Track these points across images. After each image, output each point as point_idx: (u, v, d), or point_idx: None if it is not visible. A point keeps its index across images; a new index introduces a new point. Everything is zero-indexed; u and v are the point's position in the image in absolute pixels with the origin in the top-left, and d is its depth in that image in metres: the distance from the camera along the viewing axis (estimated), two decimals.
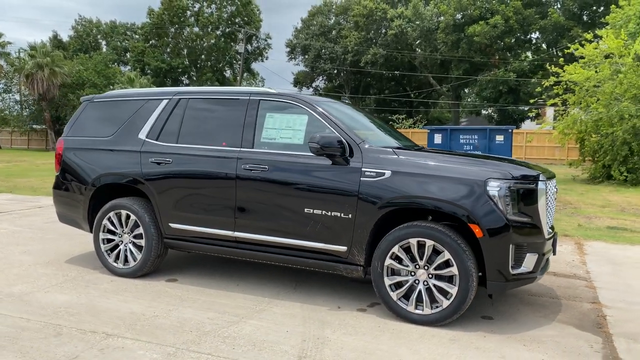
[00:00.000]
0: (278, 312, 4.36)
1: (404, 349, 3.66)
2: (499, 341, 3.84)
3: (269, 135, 4.81)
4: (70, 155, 5.63)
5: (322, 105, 4.74)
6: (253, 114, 4.84)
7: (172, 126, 5.18)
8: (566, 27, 36.31)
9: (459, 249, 3.95)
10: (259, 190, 4.66)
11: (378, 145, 4.56)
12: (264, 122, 4.83)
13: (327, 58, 49.36)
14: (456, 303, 3.99)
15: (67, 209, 5.72)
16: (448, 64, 42.94)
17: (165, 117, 5.23)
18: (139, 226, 5.17)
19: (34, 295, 4.68)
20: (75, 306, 4.40)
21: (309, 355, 3.51)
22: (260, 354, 3.51)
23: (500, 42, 37.72)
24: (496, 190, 3.92)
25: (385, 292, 4.22)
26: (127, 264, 5.27)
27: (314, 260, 4.54)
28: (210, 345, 3.64)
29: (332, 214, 4.36)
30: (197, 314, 4.28)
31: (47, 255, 6.15)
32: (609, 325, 4.23)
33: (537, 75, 37.98)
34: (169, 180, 5.04)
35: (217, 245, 4.94)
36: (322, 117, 4.61)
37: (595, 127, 18.04)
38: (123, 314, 4.24)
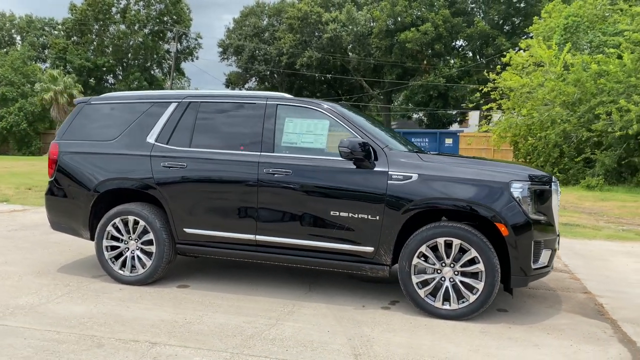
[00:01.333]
0: (308, 313, 4.44)
1: (445, 342, 3.88)
2: (524, 331, 4.15)
3: (289, 139, 4.87)
4: (67, 159, 5.38)
5: (341, 110, 4.88)
6: (271, 118, 4.89)
7: (184, 130, 5.11)
8: (491, 35, 38.46)
9: (485, 246, 4.23)
10: (283, 194, 4.71)
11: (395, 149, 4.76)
12: (283, 127, 4.89)
13: (261, 59, 49.14)
14: (482, 297, 4.26)
15: (63, 216, 5.46)
16: (381, 68, 44.09)
17: (176, 120, 5.14)
18: (148, 232, 5.05)
19: (46, 306, 4.46)
20: (98, 316, 4.25)
21: (363, 353, 3.63)
22: (316, 354, 3.60)
23: (430, 48, 39.28)
24: (519, 191, 4.24)
25: (413, 290, 4.42)
26: (135, 272, 5.12)
27: (339, 262, 4.66)
28: (262, 348, 3.67)
29: (359, 216, 4.51)
30: (230, 318, 4.27)
31: (32, 265, 5.83)
32: (609, 312, 4.68)
33: (463, 81, 40.01)
34: (184, 185, 4.97)
35: (235, 249, 4.93)
36: (344, 122, 4.75)
37: (528, 130, 19.36)
38: (154, 321, 4.16)
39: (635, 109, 14.92)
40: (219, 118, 5.14)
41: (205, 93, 5.33)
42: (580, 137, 17.47)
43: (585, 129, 17.31)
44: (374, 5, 42.70)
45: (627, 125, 15.41)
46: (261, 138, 4.86)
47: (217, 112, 5.15)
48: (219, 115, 5.14)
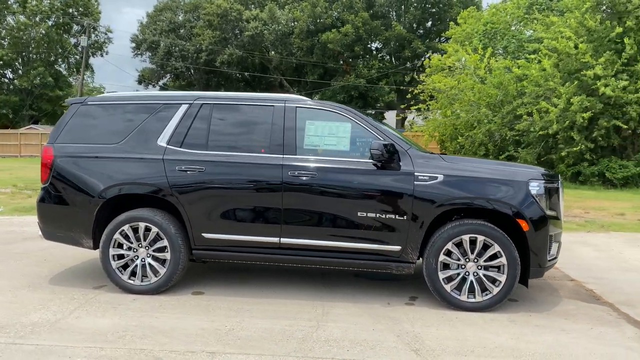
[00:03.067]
0: (342, 313, 4.52)
1: (485, 333, 4.13)
2: (544, 318, 4.51)
3: (311, 142, 4.91)
4: (64, 164, 5.03)
5: (360, 113, 4.99)
6: (292, 121, 4.89)
7: (198, 132, 4.97)
8: (407, 39, 40.06)
9: (507, 242, 4.54)
10: (309, 196, 4.74)
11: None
12: (304, 129, 4.92)
13: (178, 56, 47.63)
14: (505, 289, 4.57)
15: (60, 224, 5.10)
16: (302, 68, 44.44)
17: (188, 123, 4.99)
18: (162, 239, 4.87)
19: (66, 322, 4.18)
20: (131, 329, 4.05)
21: (420, 348, 3.79)
22: (377, 352, 3.70)
23: (350, 50, 40.18)
24: (536, 189, 4.59)
25: (440, 285, 4.64)
26: (147, 280, 4.91)
27: (365, 261, 4.78)
28: (322, 350, 3.71)
29: (387, 216, 4.65)
30: (270, 322, 4.24)
31: (15, 278, 5.40)
32: (603, 297, 5.19)
33: (381, 82, 41.42)
34: (202, 189, 4.84)
35: (257, 253, 4.89)
36: (366, 125, 4.87)
37: (454, 130, 20.50)
38: (194, 330, 4.04)
39: (555, 111, 16.30)
40: (234, 120, 5.05)
41: (218, 95, 5.23)
42: (504, 136, 18.77)
43: (507, 128, 18.64)
44: (294, 5, 42.94)
45: (547, 125, 16.80)
46: (283, 141, 4.85)
47: (232, 114, 5.07)
48: (234, 117, 5.06)
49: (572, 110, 16.16)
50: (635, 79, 16.17)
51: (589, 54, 16.41)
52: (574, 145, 16.65)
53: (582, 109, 16.10)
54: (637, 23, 16.15)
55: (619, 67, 16.19)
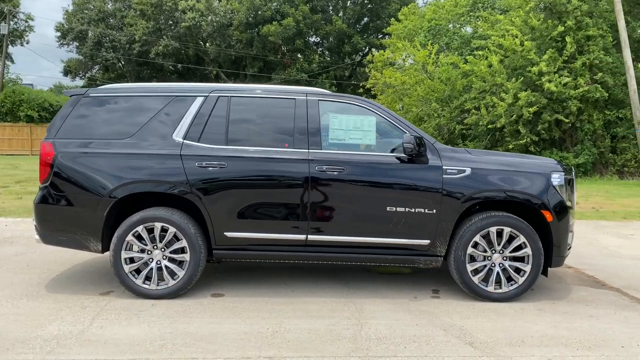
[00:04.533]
0: (377, 309, 4.46)
1: (523, 322, 4.21)
2: (568, 305, 4.67)
3: (336, 136, 4.80)
4: (68, 161, 4.62)
5: (384, 107, 4.93)
6: (315, 115, 4.76)
7: (216, 127, 4.72)
8: (347, 34, 40.38)
9: (532, 233, 4.65)
10: (336, 191, 4.63)
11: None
12: (329, 123, 4.80)
13: (109, 46, 45.37)
14: (530, 279, 4.69)
15: (63, 227, 4.68)
16: (240, 60, 43.71)
17: (205, 116, 4.73)
18: (180, 239, 4.59)
19: (92, 333, 3.84)
20: (168, 337, 3.79)
21: (474, 341, 3.80)
22: (435, 348, 3.67)
23: (291, 43, 39.95)
24: (557, 180, 4.74)
25: (468, 278, 4.68)
26: (164, 284, 4.62)
27: (393, 256, 4.75)
28: (380, 349, 3.64)
29: (416, 210, 4.63)
30: (310, 322, 4.11)
31: (11, 287, 4.92)
32: (607, 282, 5.45)
33: (322, 77, 41.55)
34: (225, 186, 4.60)
35: (282, 251, 4.73)
36: (391, 118, 4.82)
37: None
38: (238, 334, 3.84)
39: (503, 105, 17.01)
40: (254, 114, 4.84)
41: (234, 87, 4.99)
42: (452, 130, 19.38)
43: (456, 122, 19.26)
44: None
45: (495, 119, 17.51)
46: (307, 135, 4.71)
47: (252, 107, 4.86)
48: (254, 111, 4.85)
49: (519, 105, 16.93)
50: (575, 75, 17.15)
51: (533, 52, 17.23)
52: (520, 138, 17.45)
53: (527, 104, 16.90)
54: (576, 23, 17.12)
55: (560, 64, 17.11)
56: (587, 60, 17.13)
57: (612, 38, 17.65)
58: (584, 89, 16.67)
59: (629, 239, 7.83)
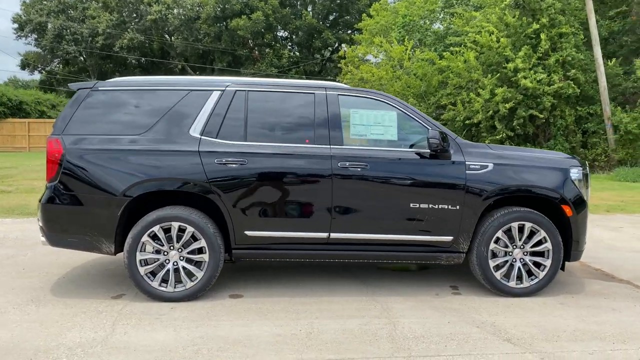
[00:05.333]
0: (403, 307, 4.40)
1: (551, 317, 4.22)
2: (587, 299, 4.72)
3: (358, 131, 4.70)
4: (78, 159, 4.37)
5: (404, 102, 4.86)
6: (336, 109, 4.65)
7: (234, 122, 4.56)
8: (317, 29, 40.24)
9: (552, 227, 4.67)
10: (360, 188, 4.54)
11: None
12: (349, 118, 4.70)
13: (70, 39, 43.83)
14: (550, 273, 4.71)
15: (73, 228, 4.42)
16: (208, 54, 43.00)
17: (223, 111, 4.55)
18: (199, 239, 4.42)
19: (116, 339, 3.64)
20: (200, 341, 3.63)
21: (512, 337, 3.78)
22: (475, 346, 3.63)
23: (261, 37, 39.56)
24: (576, 175, 4.77)
25: (491, 274, 4.67)
26: (182, 286, 4.44)
27: (415, 253, 4.69)
28: (421, 348, 3.57)
29: (439, 206, 4.59)
30: (340, 322, 4.02)
31: (13, 293, 4.66)
32: (615, 275, 5.54)
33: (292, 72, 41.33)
34: (246, 184, 4.44)
35: (304, 250, 4.61)
36: (412, 113, 4.76)
37: None
38: (272, 337, 3.71)
39: (480, 101, 17.24)
40: (272, 108, 4.69)
41: (251, 81, 4.81)
42: None
43: (433, 117, 19.40)
44: None
45: (472, 114, 17.74)
46: (328, 130, 4.59)
47: (270, 102, 4.70)
48: (272, 106, 4.69)
49: (495, 100, 17.19)
50: (548, 71, 17.53)
51: (509, 48, 17.52)
52: (496, 134, 17.73)
53: (504, 100, 17.18)
54: (550, 20, 17.48)
55: (535, 61, 17.45)
56: (560, 57, 17.53)
57: (583, 36, 18.11)
58: (558, 86, 17.06)
59: (619, 232, 8.02)
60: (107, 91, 4.61)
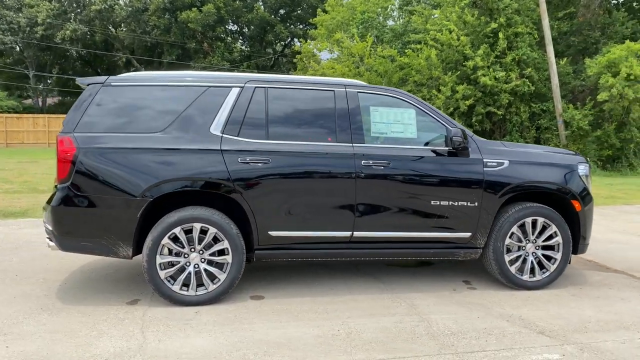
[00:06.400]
0: (428, 304, 4.44)
1: (571, 309, 4.39)
2: (595, 289, 4.93)
3: (378, 129, 4.70)
4: (92, 158, 4.13)
5: (420, 99, 4.90)
6: (356, 107, 4.63)
7: (255, 120, 4.44)
8: (270, 22, 39.87)
9: (562, 222, 4.85)
10: (383, 186, 4.54)
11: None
12: (369, 116, 4.69)
13: (6, 29, 41.32)
14: (560, 267, 4.89)
15: (87, 232, 4.18)
16: (155, 47, 41.73)
17: (244, 108, 4.43)
18: (221, 240, 4.29)
19: (153, 347, 3.48)
20: (241, 346, 3.52)
21: (545, 329, 3.89)
22: (513, 339, 3.71)
23: (212, 30, 38.77)
24: (583, 171, 4.97)
25: (506, 268, 4.79)
26: (204, 289, 4.30)
27: (435, 250, 4.75)
28: (463, 344, 3.62)
29: (459, 203, 4.66)
30: (374, 321, 4.01)
31: (19, 302, 4.36)
32: (609, 266, 5.82)
33: (244, 66, 40.78)
34: (270, 183, 4.35)
35: (326, 249, 4.57)
36: (430, 111, 4.80)
37: None
38: (313, 339, 3.65)
39: (441, 97, 17.65)
40: (293, 106, 4.60)
41: (270, 77, 4.71)
42: None
43: None
44: None
45: None
46: (350, 128, 4.56)
47: (290, 99, 4.61)
48: (292, 103, 4.61)
49: (456, 97, 17.64)
50: (505, 70, 18.15)
51: (468, 46, 18.00)
52: None
53: (464, 97, 17.65)
54: (507, 20, 18.09)
55: (493, 59, 18.02)
56: (516, 56, 18.20)
57: (536, 35, 18.86)
58: (515, 84, 17.70)
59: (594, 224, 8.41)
60: (120, 87, 4.38)
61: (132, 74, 4.57)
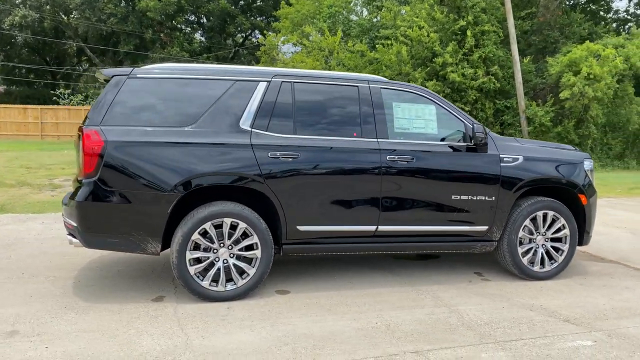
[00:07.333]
0: (451, 295, 4.57)
1: (585, 297, 4.62)
2: (597, 279, 5.20)
3: (401, 125, 4.78)
4: (121, 152, 4.01)
5: (439, 95, 5.01)
6: (380, 103, 4.69)
7: (283, 114, 4.43)
8: (231, 14, 39.26)
9: (570, 215, 5.08)
10: (407, 181, 4.62)
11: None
12: (392, 112, 4.76)
13: None
14: (568, 258, 5.13)
15: (116, 227, 4.06)
16: (111, 36, 40.33)
17: (271, 103, 4.41)
18: (250, 235, 4.27)
19: (198, 343, 3.44)
20: (288, 340, 3.53)
21: (568, 319, 4.08)
22: (546, 327, 3.88)
23: (172, 20, 37.86)
24: (588, 166, 5.22)
25: (519, 260, 4.98)
26: (233, 284, 4.27)
27: (453, 243, 4.89)
28: (501, 333, 3.76)
29: (477, 198, 4.81)
30: (407, 313, 4.09)
31: (36, 301, 4.20)
32: (603, 256, 6.13)
33: (203, 58, 40.02)
34: (299, 178, 4.35)
35: (351, 243, 4.63)
36: (449, 107, 4.92)
37: None
38: (355, 332, 3.70)
39: None
40: (318, 101, 4.61)
41: (296, 72, 4.69)
42: None
43: None
44: None
45: None
46: (375, 124, 4.62)
47: (315, 94, 4.62)
48: (317, 98, 4.62)
49: None
50: (472, 67, 18.63)
51: (437, 43, 18.37)
52: None
53: None
54: (474, 18, 18.56)
55: (461, 56, 18.46)
56: (482, 54, 18.70)
57: (501, 34, 19.44)
58: (482, 80, 18.21)
59: None
60: (145, 79, 4.26)
61: (157, 66, 4.46)
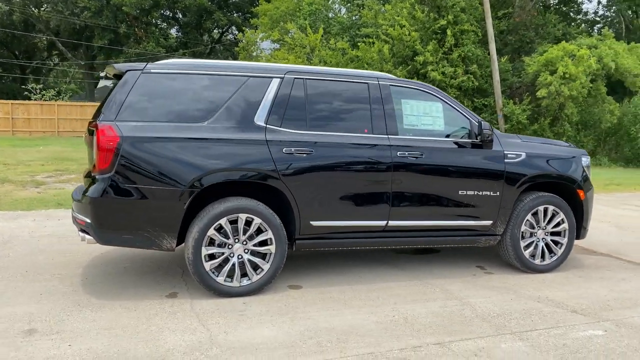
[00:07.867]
0: (459, 288, 4.67)
1: (585, 289, 4.78)
2: (593, 272, 5.39)
3: (410, 121, 4.86)
4: (137, 147, 3.97)
5: (444, 93, 5.11)
6: (389, 100, 4.76)
7: (296, 111, 4.46)
8: (208, 9, 38.86)
9: (569, 210, 5.26)
10: (416, 177, 4.71)
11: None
12: (401, 109, 4.84)
13: None
14: (567, 250, 5.30)
15: (131, 224, 4.02)
16: (84, 30, 39.48)
17: (285, 99, 4.43)
18: (265, 231, 4.29)
19: (222, 339, 3.45)
20: (311, 335, 3.57)
21: (576, 310, 4.22)
22: (556, 318, 4.01)
23: (147, 15, 37.27)
24: (586, 162, 5.40)
25: (521, 253, 5.13)
26: (248, 280, 4.29)
27: (459, 237, 5.00)
28: (515, 324, 3.87)
29: (483, 193, 4.93)
30: (421, 306, 4.18)
31: (47, 300, 4.14)
32: (596, 250, 6.34)
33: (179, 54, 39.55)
34: (313, 173, 4.39)
35: (362, 238, 4.70)
36: (454, 104, 5.02)
37: None
38: (374, 325, 3.76)
39: None
40: (329, 97, 4.65)
41: (308, 69, 4.73)
42: None
43: None
44: None
45: None
46: (385, 120, 4.69)
47: (326, 90, 4.65)
48: (329, 94, 4.65)
49: None
50: (452, 66, 18.92)
51: (418, 42, 18.58)
52: None
53: None
54: (454, 17, 18.84)
55: (441, 55, 18.73)
56: (462, 53, 19.01)
57: (480, 33, 19.78)
58: (461, 79, 18.51)
59: None
60: (159, 74, 4.23)
61: (170, 61, 4.43)
